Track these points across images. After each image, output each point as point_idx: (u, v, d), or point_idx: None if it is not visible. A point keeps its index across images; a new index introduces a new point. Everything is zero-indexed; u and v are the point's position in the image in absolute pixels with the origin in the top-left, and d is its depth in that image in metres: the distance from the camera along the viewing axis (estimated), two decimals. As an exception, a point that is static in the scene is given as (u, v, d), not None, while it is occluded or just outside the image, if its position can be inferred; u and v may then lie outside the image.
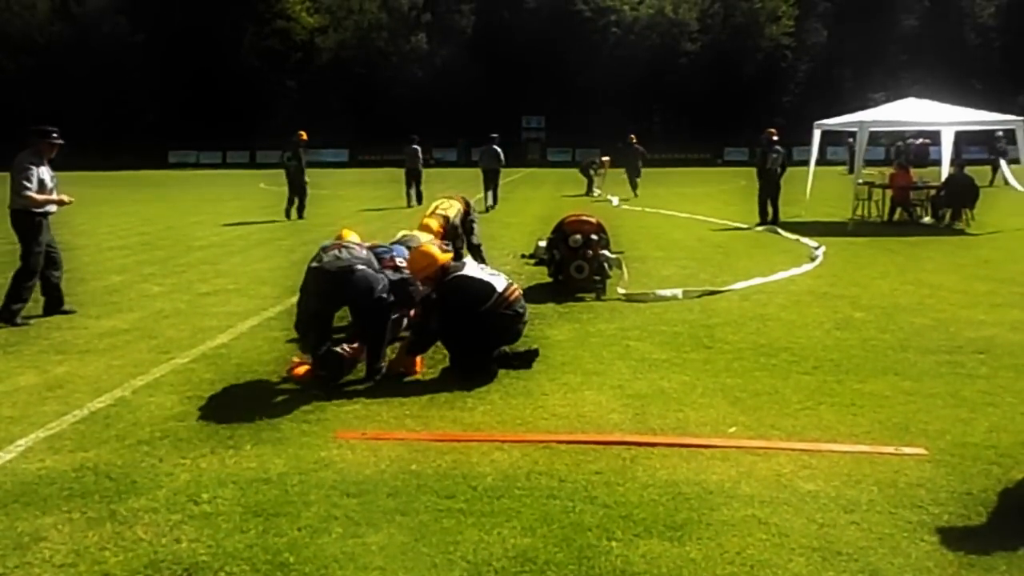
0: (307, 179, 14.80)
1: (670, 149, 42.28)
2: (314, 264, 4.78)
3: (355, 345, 4.89)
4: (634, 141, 21.11)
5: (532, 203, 14.84)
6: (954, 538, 2.88)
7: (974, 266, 9.10)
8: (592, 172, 21.64)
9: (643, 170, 20.69)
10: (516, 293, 4.95)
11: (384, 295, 4.72)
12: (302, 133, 14.87)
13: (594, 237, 7.44)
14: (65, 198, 6.62)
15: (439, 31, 48.75)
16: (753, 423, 4.04)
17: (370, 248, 5.22)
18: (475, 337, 4.76)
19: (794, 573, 2.65)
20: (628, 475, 3.41)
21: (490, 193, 16.74)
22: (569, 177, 26.48)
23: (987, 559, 2.74)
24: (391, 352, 5.00)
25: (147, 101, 45.82)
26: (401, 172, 18.23)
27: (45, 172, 6.39)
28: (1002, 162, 20.66)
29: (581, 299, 7.18)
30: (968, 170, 13.84)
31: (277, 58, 47.56)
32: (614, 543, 2.83)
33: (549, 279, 7.72)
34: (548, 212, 14.18)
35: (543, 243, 8.84)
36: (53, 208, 6.54)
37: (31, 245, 6.35)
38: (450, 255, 5.28)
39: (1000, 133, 21.27)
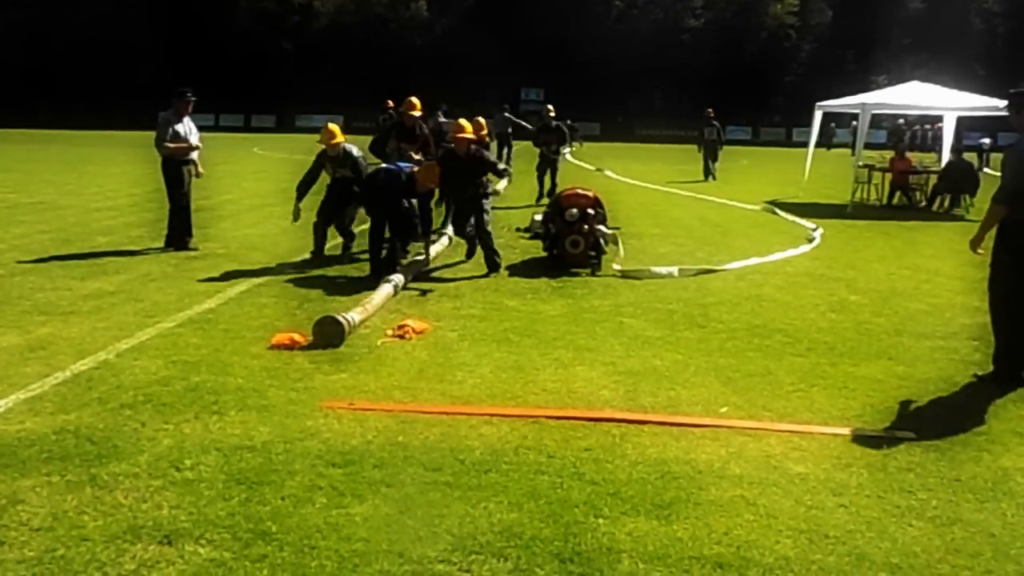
0: None
1: (671, 126, 41.87)
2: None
3: (358, 315, 5.03)
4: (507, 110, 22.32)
5: (529, 176, 14.64)
6: (941, 523, 2.87)
7: (971, 252, 9.05)
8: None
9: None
10: None
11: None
12: (389, 101, 18.84)
13: (590, 211, 7.35)
14: (194, 141, 7.90)
15: (439, -1, 47.76)
16: (745, 404, 4.02)
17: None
18: None
19: (781, 554, 2.63)
20: (617, 452, 3.38)
21: (505, 151, 19.63)
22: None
23: (973, 545, 2.74)
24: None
25: (139, 61, 44.73)
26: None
27: (180, 126, 7.75)
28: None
29: (576, 274, 7.12)
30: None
31: (274, 20, 46.47)
32: (601, 520, 2.81)
33: (544, 253, 7.64)
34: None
35: (539, 217, 8.75)
36: (194, 155, 7.90)
37: (173, 185, 7.78)
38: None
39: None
